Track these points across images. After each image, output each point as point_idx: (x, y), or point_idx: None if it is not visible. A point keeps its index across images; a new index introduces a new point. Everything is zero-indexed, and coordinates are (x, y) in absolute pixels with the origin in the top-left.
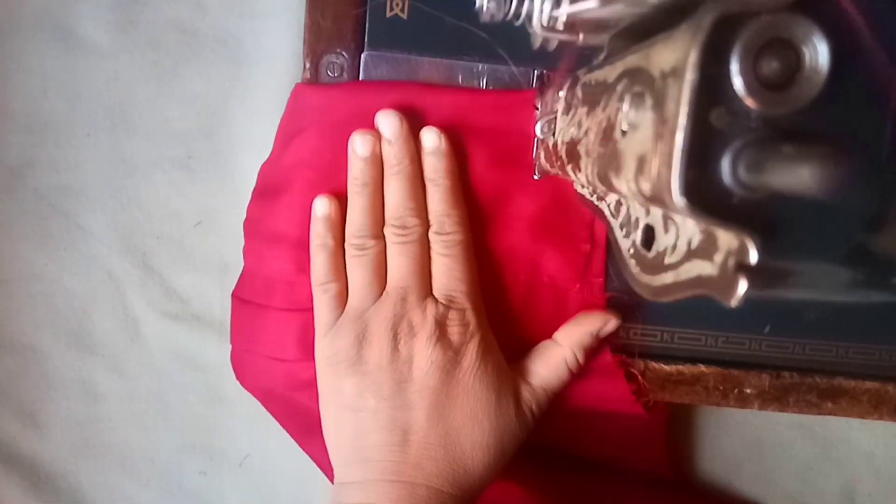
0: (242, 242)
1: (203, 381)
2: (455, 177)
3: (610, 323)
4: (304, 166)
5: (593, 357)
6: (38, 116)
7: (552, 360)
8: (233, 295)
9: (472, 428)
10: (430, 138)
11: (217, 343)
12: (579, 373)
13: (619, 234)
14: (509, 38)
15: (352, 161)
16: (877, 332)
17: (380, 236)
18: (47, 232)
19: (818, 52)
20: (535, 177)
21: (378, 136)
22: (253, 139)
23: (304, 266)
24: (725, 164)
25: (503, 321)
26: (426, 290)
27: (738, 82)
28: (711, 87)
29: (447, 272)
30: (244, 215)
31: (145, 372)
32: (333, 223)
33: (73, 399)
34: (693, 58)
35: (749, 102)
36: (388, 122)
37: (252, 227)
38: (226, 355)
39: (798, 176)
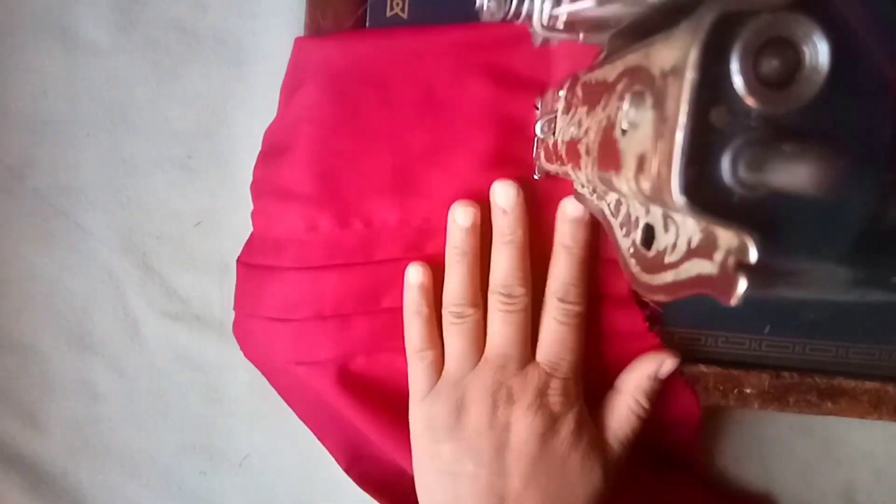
0: (242, 242)
1: (203, 381)
2: (589, 250)
3: (666, 364)
4: (305, 121)
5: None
6: (38, 116)
7: (619, 412)
8: (238, 262)
9: (567, 494)
10: (572, 208)
11: (217, 343)
12: (649, 416)
13: (619, 233)
14: None
15: (451, 230)
16: (877, 332)
17: (478, 304)
18: (47, 232)
19: (818, 51)
20: (536, 176)
21: (477, 207)
22: (253, 139)
23: (313, 223)
24: (725, 163)
25: None
26: (526, 358)
27: (738, 81)
28: (711, 85)
29: (559, 340)
30: (244, 215)
31: (145, 372)
32: (427, 290)
33: (73, 399)
34: (693, 56)
35: (749, 101)
36: (505, 193)
37: (259, 188)
38: (226, 355)
39: (798, 174)
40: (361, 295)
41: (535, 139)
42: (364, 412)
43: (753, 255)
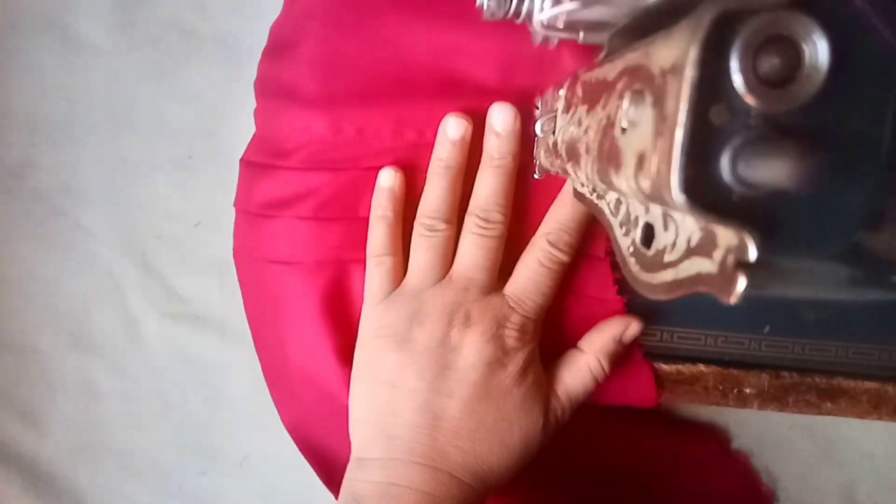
0: None
1: (203, 381)
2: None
3: (631, 327)
4: (313, 19)
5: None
6: (38, 116)
7: (576, 368)
8: (241, 161)
9: (502, 429)
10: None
11: (217, 343)
12: (604, 381)
13: (618, 232)
14: None
15: (440, 141)
16: (877, 332)
17: (452, 222)
18: (47, 232)
19: (818, 49)
20: (536, 176)
21: (470, 121)
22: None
23: (308, 125)
24: (725, 162)
25: None
26: (492, 285)
27: (737, 79)
28: (711, 84)
29: (534, 280)
30: None
31: (145, 372)
32: (396, 196)
33: (73, 399)
34: (693, 55)
35: (749, 100)
36: (503, 115)
37: (261, 86)
38: (226, 355)
39: (798, 173)
40: (344, 201)
41: (535, 138)
42: (322, 321)
43: (753, 254)
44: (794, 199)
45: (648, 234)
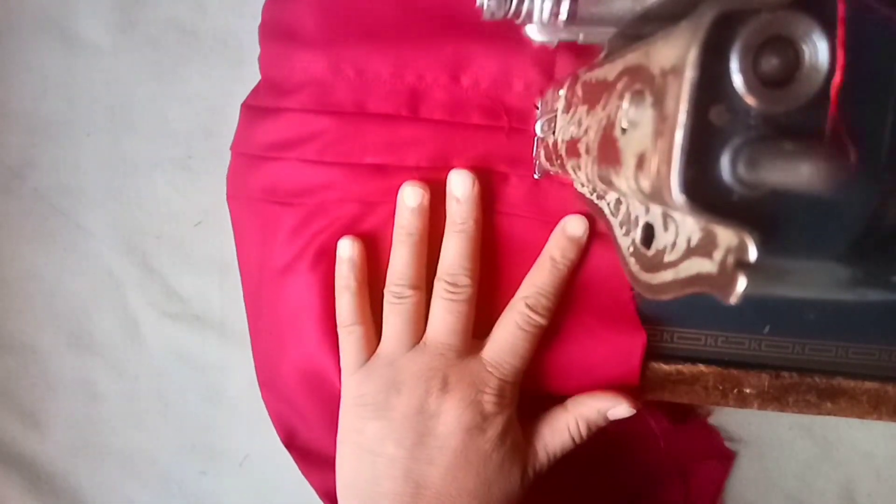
0: None
1: (203, 381)
2: (572, 272)
3: (621, 407)
4: None
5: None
6: (38, 116)
7: (556, 425)
8: (242, 106)
9: (483, 493)
10: (573, 226)
11: (217, 343)
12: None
13: (618, 232)
14: None
15: (400, 209)
16: (876, 332)
17: (420, 287)
18: (47, 232)
19: (818, 50)
20: (536, 176)
21: (426, 188)
22: None
23: (309, 66)
24: (725, 162)
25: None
26: (467, 349)
27: (737, 80)
28: (711, 84)
29: (512, 343)
30: None
31: (145, 372)
32: (357, 265)
33: (73, 399)
34: (693, 55)
35: (749, 100)
36: (461, 182)
37: (266, 29)
38: (226, 355)
39: (797, 173)
40: (347, 146)
41: (535, 138)
42: (311, 271)
43: (753, 254)
44: (795, 199)
45: (648, 234)
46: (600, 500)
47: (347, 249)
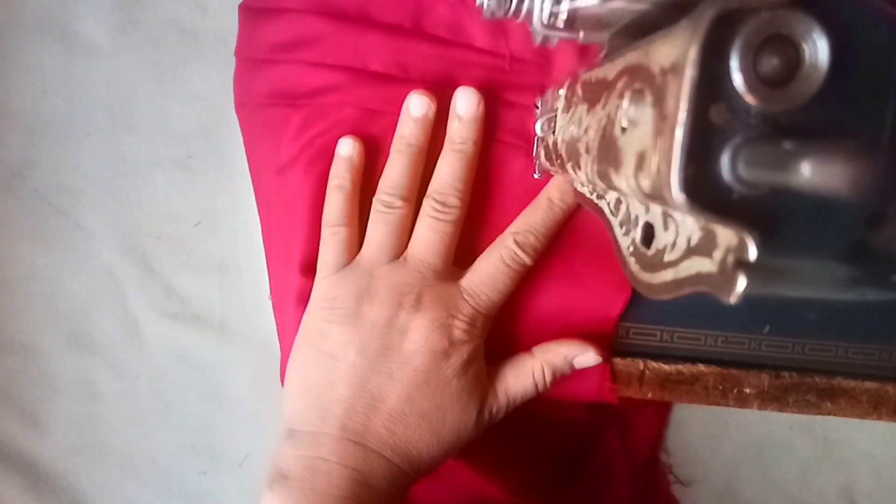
0: (243, 242)
1: (203, 381)
2: (569, 212)
3: (587, 354)
4: None
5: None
6: (38, 116)
7: (522, 371)
8: (240, 8)
9: (437, 418)
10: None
11: (217, 343)
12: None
13: (618, 232)
14: None
15: (403, 118)
16: (876, 332)
17: (411, 200)
18: (47, 232)
19: (818, 49)
20: (536, 175)
21: (434, 99)
22: None
23: None
24: (725, 161)
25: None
26: (445, 271)
27: (737, 79)
28: (711, 83)
29: (494, 277)
30: (244, 215)
31: (145, 372)
32: (355, 167)
33: (73, 399)
34: (693, 54)
35: (749, 99)
36: (466, 100)
37: None
38: (226, 355)
39: (797, 173)
40: (353, 53)
41: (535, 138)
42: (306, 171)
43: (753, 253)
44: (795, 198)
45: (648, 233)
46: (539, 455)
47: (348, 148)
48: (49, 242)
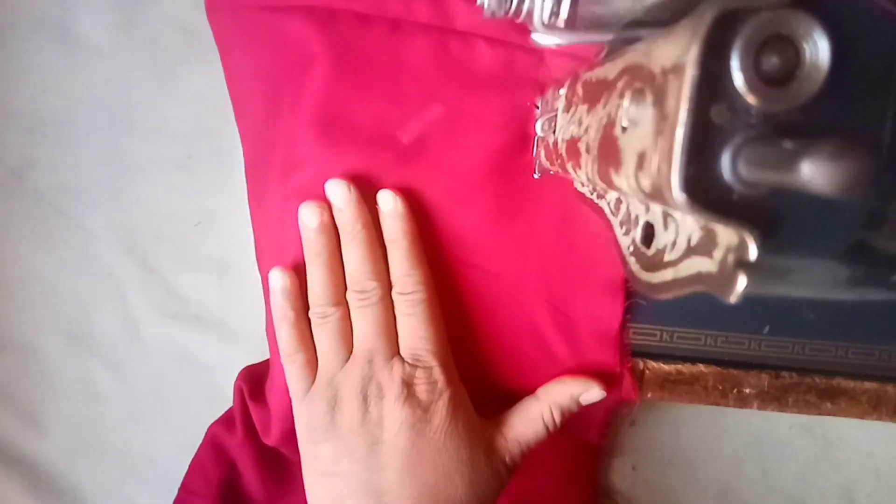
0: (243, 242)
1: (203, 381)
2: (415, 236)
3: (593, 391)
4: None
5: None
6: (38, 116)
7: (529, 416)
8: None
9: (446, 486)
10: (386, 200)
11: (217, 343)
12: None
13: (618, 231)
14: None
15: (303, 232)
16: (876, 332)
17: (341, 301)
18: (47, 232)
19: (818, 49)
20: (536, 175)
21: (326, 204)
22: None
23: None
24: (725, 160)
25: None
26: (392, 349)
27: (738, 78)
28: (712, 83)
29: (411, 332)
30: (244, 216)
31: (145, 372)
32: (291, 293)
33: (73, 399)
34: (694, 53)
35: (749, 98)
36: (337, 191)
37: None
38: (226, 355)
39: (798, 172)
40: None
41: (535, 138)
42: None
43: (753, 253)
44: (795, 198)
45: (648, 233)
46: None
47: (279, 281)
48: (49, 242)
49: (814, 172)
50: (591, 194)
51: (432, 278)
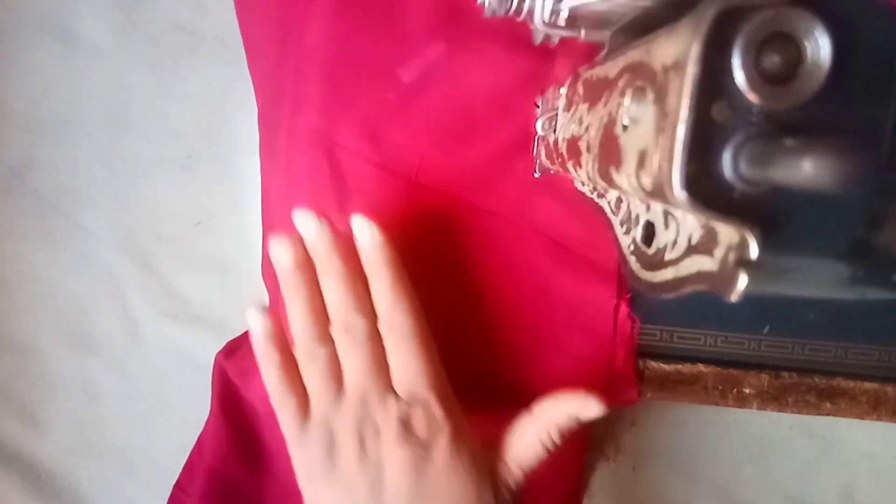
0: (243, 242)
1: (203, 381)
2: (396, 263)
3: (591, 408)
4: None
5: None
6: (38, 116)
7: (527, 439)
8: None
9: None
10: (362, 231)
11: (217, 343)
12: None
13: (619, 231)
14: None
15: (277, 270)
16: (876, 332)
17: (325, 336)
18: (47, 232)
19: (819, 47)
20: (536, 174)
21: (297, 239)
22: (253, 139)
23: None
24: (726, 158)
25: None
26: (385, 386)
27: (739, 76)
28: (713, 80)
29: (404, 367)
30: (244, 215)
31: (145, 372)
32: (273, 337)
33: (73, 399)
34: (695, 51)
35: (750, 96)
36: (307, 225)
37: None
38: None
39: (799, 170)
40: None
41: (536, 137)
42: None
43: (754, 251)
44: (796, 196)
45: (649, 232)
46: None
47: (260, 324)
48: (49, 242)
49: (815, 170)
50: (592, 193)
51: (419, 301)
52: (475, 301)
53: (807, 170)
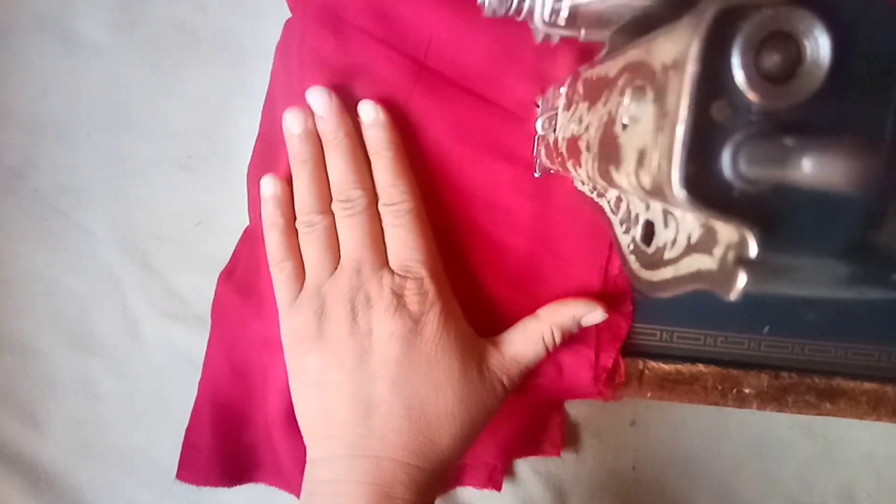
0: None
1: None
2: (398, 146)
3: (595, 313)
4: None
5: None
6: (38, 116)
7: (529, 334)
8: None
9: (437, 398)
10: (367, 111)
11: None
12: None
13: (618, 230)
14: None
15: (288, 139)
16: (876, 332)
17: (327, 211)
18: (47, 232)
19: (819, 46)
20: (536, 174)
21: (308, 113)
22: (253, 139)
23: None
24: (726, 157)
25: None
26: (381, 260)
27: (739, 75)
28: (713, 79)
29: (400, 242)
30: (244, 216)
31: (145, 372)
32: (282, 201)
33: (73, 399)
34: (694, 50)
35: (750, 95)
36: (317, 99)
37: None
38: None
39: (799, 169)
40: None
41: (536, 136)
42: None
43: (753, 250)
44: (795, 195)
45: (649, 231)
46: None
47: (269, 187)
48: (49, 242)
49: (815, 169)
50: (592, 193)
51: (419, 188)
52: (470, 199)
53: (806, 169)
